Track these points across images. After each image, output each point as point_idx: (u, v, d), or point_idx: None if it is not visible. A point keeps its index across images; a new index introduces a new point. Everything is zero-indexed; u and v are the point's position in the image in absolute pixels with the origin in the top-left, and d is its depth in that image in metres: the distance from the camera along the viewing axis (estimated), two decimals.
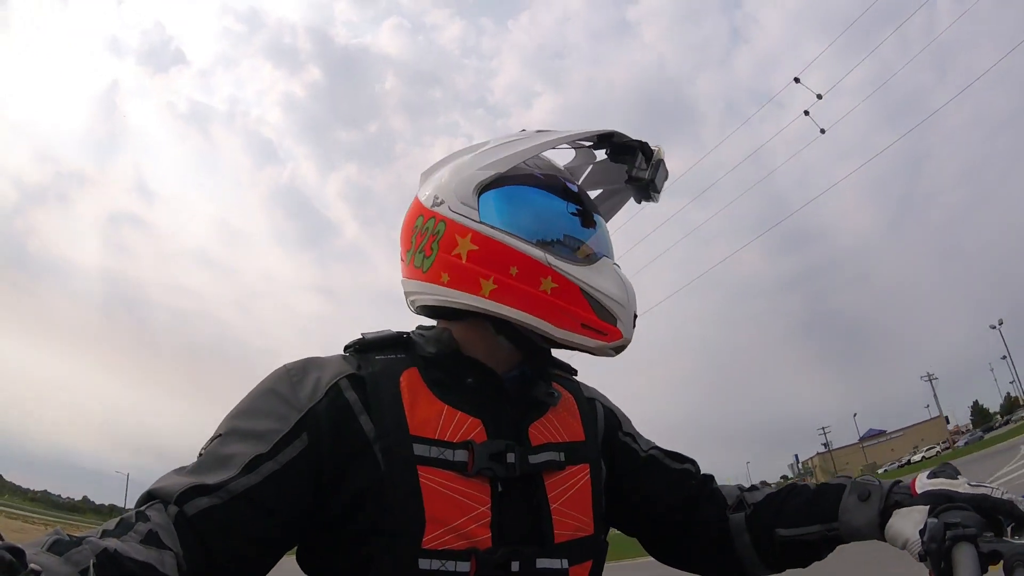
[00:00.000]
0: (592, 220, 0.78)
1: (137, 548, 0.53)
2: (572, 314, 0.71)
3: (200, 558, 0.59)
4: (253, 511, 0.63)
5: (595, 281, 0.72)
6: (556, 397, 0.81)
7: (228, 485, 0.63)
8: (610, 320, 0.72)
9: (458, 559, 0.64)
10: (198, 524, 0.60)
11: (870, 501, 0.73)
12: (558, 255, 0.72)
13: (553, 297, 0.71)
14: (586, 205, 0.79)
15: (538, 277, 0.71)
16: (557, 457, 0.74)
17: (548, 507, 0.71)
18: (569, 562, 0.71)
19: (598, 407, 0.89)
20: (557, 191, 0.78)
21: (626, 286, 0.73)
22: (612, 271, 0.74)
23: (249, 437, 0.66)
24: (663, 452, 0.91)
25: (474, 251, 0.73)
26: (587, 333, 0.71)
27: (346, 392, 0.70)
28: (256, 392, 0.71)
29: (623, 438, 0.89)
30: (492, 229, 0.73)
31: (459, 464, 0.68)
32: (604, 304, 0.72)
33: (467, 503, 0.67)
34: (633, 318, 0.74)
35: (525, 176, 0.77)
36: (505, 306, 0.72)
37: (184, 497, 0.61)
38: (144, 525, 0.57)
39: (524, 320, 0.71)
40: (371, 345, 0.77)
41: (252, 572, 0.65)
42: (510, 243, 0.72)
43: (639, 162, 0.83)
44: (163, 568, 0.54)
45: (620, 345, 0.73)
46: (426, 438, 0.68)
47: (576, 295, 0.71)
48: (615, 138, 0.84)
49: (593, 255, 0.76)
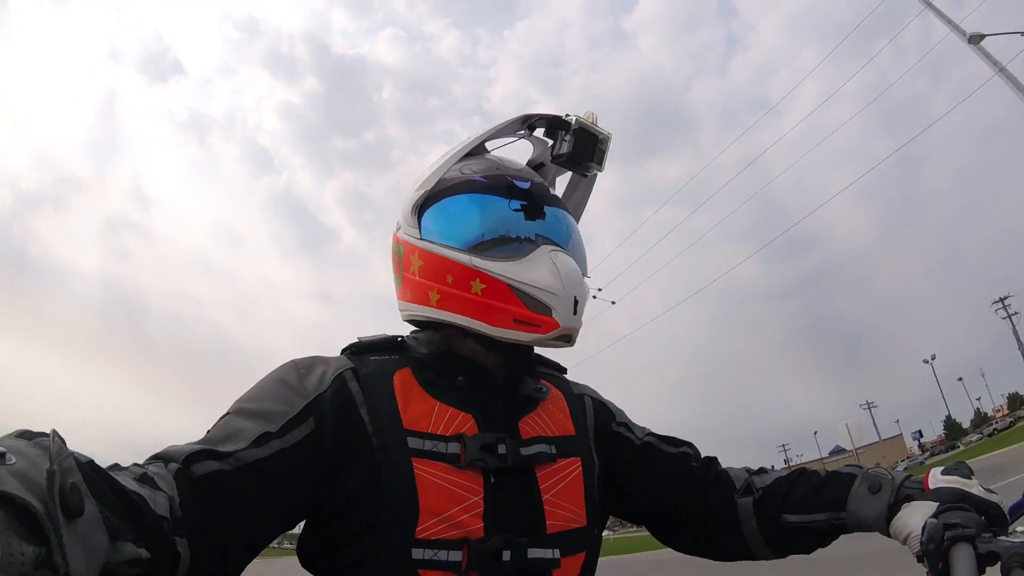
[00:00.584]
0: (540, 212, 0.78)
1: (129, 480, 0.52)
2: (503, 311, 0.73)
3: (197, 515, 0.57)
4: (260, 482, 0.63)
5: (524, 275, 0.73)
6: (545, 392, 0.83)
7: (238, 454, 0.63)
8: (544, 311, 0.72)
9: (451, 548, 0.66)
10: (203, 485, 0.59)
11: (880, 494, 0.73)
12: (487, 256, 0.74)
13: (484, 298, 0.73)
14: (534, 199, 0.79)
15: (468, 281, 0.74)
16: (548, 450, 0.75)
17: (540, 498, 0.73)
18: (561, 553, 0.71)
19: (587, 401, 0.89)
20: (500, 190, 0.78)
21: (561, 273, 0.73)
22: (546, 260, 0.73)
23: (258, 416, 0.67)
24: (658, 437, 0.91)
25: (422, 266, 0.78)
26: (520, 328, 0.73)
27: (350, 383, 0.73)
28: (265, 380, 0.74)
29: (616, 428, 0.89)
30: (430, 243, 0.78)
31: (452, 456, 0.70)
32: (535, 296, 0.72)
33: (460, 493, 0.68)
34: (574, 303, 0.73)
35: (459, 185, 0.79)
36: (449, 312, 0.76)
37: (193, 458, 0.61)
38: (139, 469, 0.56)
39: (464, 324, 0.75)
40: (367, 347, 0.80)
41: (243, 546, 0.64)
42: (443, 253, 0.76)
43: (559, 137, 0.84)
44: (155, 505, 0.52)
45: (560, 335, 0.73)
46: (420, 432, 0.70)
47: (505, 292, 0.73)
48: (532, 121, 0.85)
49: (527, 248, 0.75)
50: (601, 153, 0.85)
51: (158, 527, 0.51)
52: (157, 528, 0.51)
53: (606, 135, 0.84)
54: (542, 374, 0.88)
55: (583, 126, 0.82)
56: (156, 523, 0.51)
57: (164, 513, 0.53)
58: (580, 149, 0.83)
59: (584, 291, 0.76)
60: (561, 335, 0.73)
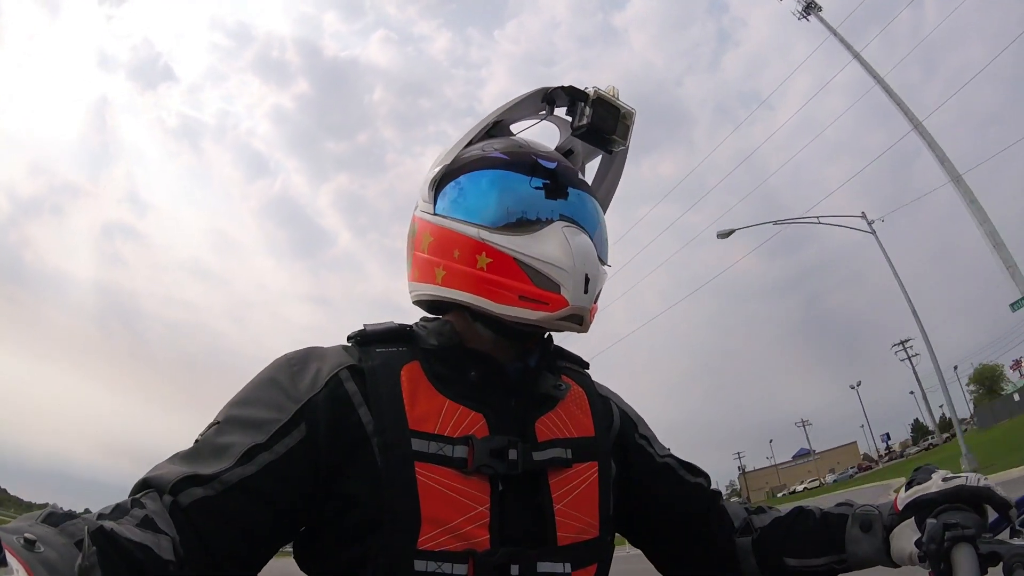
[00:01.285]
0: (563, 192, 0.75)
1: (134, 530, 0.54)
2: (508, 287, 0.70)
3: (196, 546, 0.59)
4: (248, 501, 0.62)
5: (533, 249, 0.69)
6: (564, 390, 0.79)
7: (222, 476, 0.62)
8: (552, 288, 0.69)
9: (455, 561, 0.63)
10: (192, 514, 0.60)
11: (873, 531, 0.73)
12: (495, 229, 0.71)
13: (489, 272, 0.70)
14: (558, 178, 0.75)
15: (474, 255, 0.71)
16: (564, 454, 0.72)
17: (551, 507, 0.70)
18: (572, 566, 0.69)
19: (613, 407, 0.86)
20: (522, 168, 0.75)
21: (573, 248, 0.69)
22: (559, 234, 0.70)
23: (247, 426, 0.66)
24: (679, 462, 0.88)
25: (431, 242, 0.76)
26: (526, 305, 0.69)
27: (346, 383, 0.70)
28: (256, 381, 0.71)
29: (639, 440, 0.86)
30: (440, 218, 0.75)
31: (458, 460, 0.67)
32: (543, 272, 0.69)
33: (464, 502, 0.66)
34: (585, 281, 0.69)
35: (479, 161, 0.76)
36: (454, 290, 0.73)
37: (178, 487, 0.61)
38: (140, 511, 0.57)
39: (469, 301, 0.72)
40: (373, 337, 0.76)
41: (248, 563, 0.65)
42: (452, 227, 0.73)
43: (579, 111, 0.81)
44: (159, 551, 0.54)
45: (568, 314, 0.69)
46: (425, 432, 0.67)
47: (511, 267, 0.70)
48: (550, 93, 0.83)
49: (542, 222, 0.72)
50: (625, 128, 0.82)
51: (164, 572, 0.54)
52: (163, 573, 0.54)
53: (628, 110, 0.81)
54: (563, 369, 0.84)
55: (602, 96, 0.79)
56: (162, 569, 0.54)
57: (169, 557, 0.55)
58: (600, 120, 0.79)
59: (598, 271, 0.72)
60: (570, 315, 0.69)
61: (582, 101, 0.80)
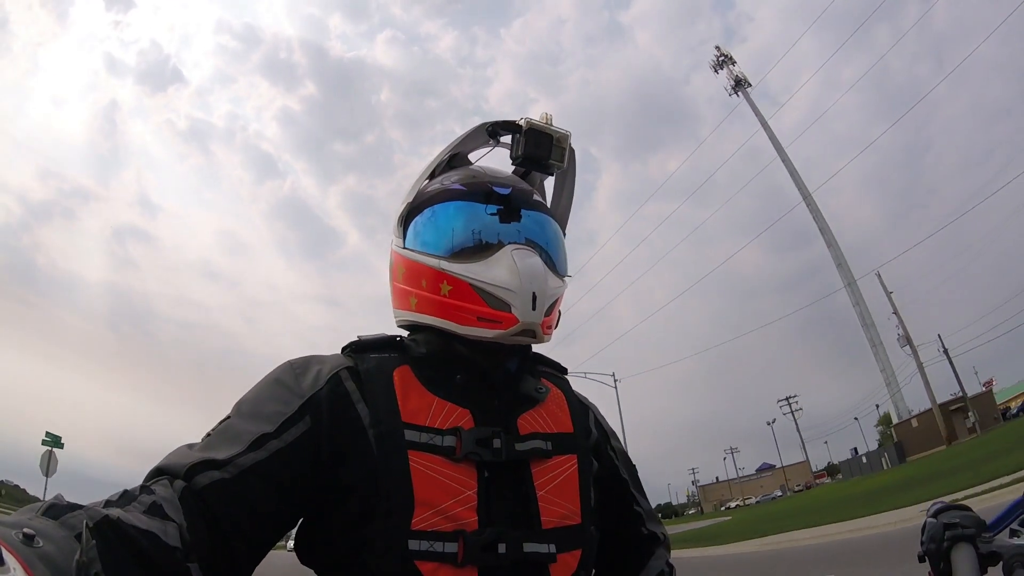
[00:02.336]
0: (516, 215, 0.81)
1: (140, 517, 0.55)
2: (468, 310, 0.76)
3: (203, 532, 0.60)
4: (261, 484, 0.66)
5: (486, 274, 0.76)
6: (544, 393, 0.85)
7: (236, 460, 0.66)
8: (503, 308, 0.75)
9: (446, 540, 0.67)
10: (207, 496, 0.63)
11: None
12: (454, 259, 0.78)
13: (451, 299, 0.77)
14: (512, 203, 0.81)
15: (438, 283, 0.78)
16: (544, 446, 0.77)
17: (535, 494, 0.74)
18: (557, 548, 0.73)
19: (591, 415, 0.92)
20: (478, 196, 0.81)
21: (520, 269, 0.75)
22: (507, 258, 0.76)
23: (256, 418, 0.71)
24: (635, 483, 0.95)
25: (404, 273, 0.84)
26: (484, 325, 0.76)
27: (345, 382, 0.76)
28: (262, 382, 0.77)
29: (610, 452, 0.92)
30: (408, 251, 0.83)
31: (447, 449, 0.72)
32: (495, 294, 0.75)
33: (454, 486, 0.70)
34: (532, 299, 0.75)
35: (439, 195, 0.83)
36: (424, 315, 0.81)
37: (193, 471, 0.64)
38: (148, 497, 0.59)
39: (438, 324, 0.79)
40: (366, 346, 0.82)
41: (252, 549, 0.67)
42: (418, 259, 0.81)
43: (514, 143, 0.87)
44: (166, 538, 0.55)
45: (520, 330, 0.75)
46: (417, 425, 0.72)
47: (468, 292, 0.76)
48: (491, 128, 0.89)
49: (494, 249, 0.77)
50: (561, 151, 0.87)
51: (170, 559, 0.55)
52: (169, 561, 0.55)
53: (562, 133, 0.86)
54: (543, 373, 0.91)
55: (533, 126, 0.85)
56: (168, 556, 0.55)
57: (176, 544, 0.56)
58: (534, 149, 0.85)
59: (546, 288, 0.77)
60: (522, 330, 0.75)
61: (516, 133, 0.86)
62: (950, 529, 0.65)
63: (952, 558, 0.64)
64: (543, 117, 0.87)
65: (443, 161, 0.89)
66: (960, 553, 0.64)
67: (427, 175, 0.88)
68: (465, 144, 0.91)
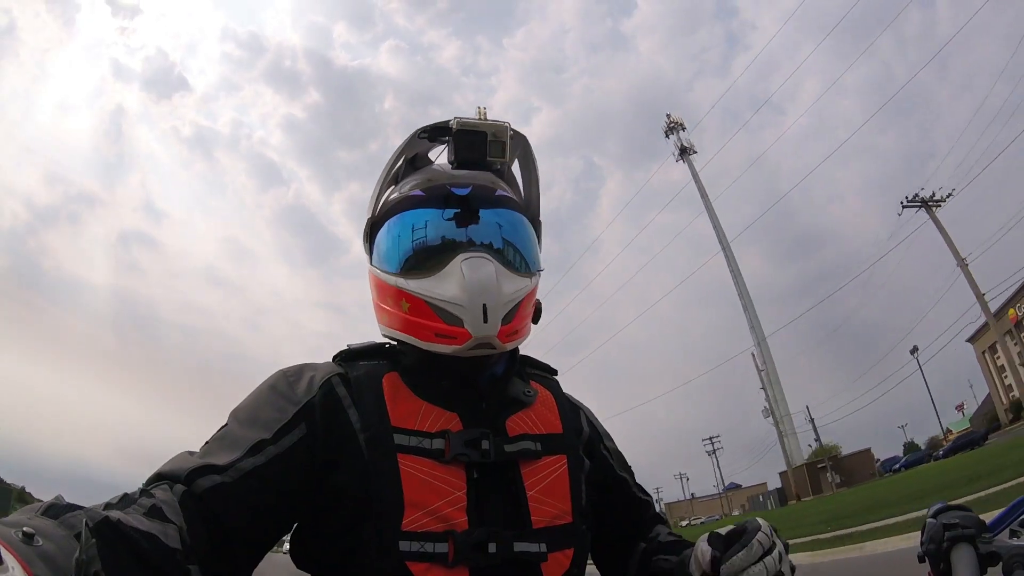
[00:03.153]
0: (474, 216, 0.80)
1: (140, 519, 0.55)
2: (426, 327, 0.77)
3: (203, 535, 0.61)
4: (261, 488, 0.68)
5: (436, 290, 0.76)
6: (532, 395, 0.86)
7: (237, 464, 0.67)
8: (456, 323, 0.75)
9: (436, 540, 0.69)
10: (208, 499, 0.64)
11: None
12: (409, 275, 0.79)
13: (410, 315, 0.78)
14: (470, 203, 0.81)
15: (399, 301, 0.79)
16: (533, 447, 0.78)
17: (524, 494, 0.75)
18: (548, 547, 0.73)
19: (583, 416, 0.94)
20: (435, 202, 0.80)
21: (468, 282, 0.74)
22: (457, 271, 0.75)
23: (253, 425, 0.72)
24: (633, 478, 0.97)
25: (375, 290, 0.86)
26: (441, 341, 0.76)
27: (337, 388, 0.78)
28: (257, 391, 0.78)
29: (603, 451, 0.93)
30: (375, 268, 0.85)
31: (436, 451, 0.73)
32: (447, 310, 0.75)
33: (443, 487, 0.71)
34: (483, 312, 0.74)
35: (397, 204, 0.83)
36: (392, 330, 0.83)
37: (194, 475, 0.65)
38: (148, 500, 0.59)
39: (404, 339, 0.81)
40: (356, 354, 0.85)
41: (251, 551, 0.68)
42: (380, 276, 0.82)
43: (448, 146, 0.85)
44: (166, 540, 0.55)
45: (475, 344, 0.75)
46: (406, 428, 0.74)
47: (424, 308, 0.77)
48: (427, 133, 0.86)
49: (446, 260, 0.77)
50: (500, 145, 0.83)
51: (170, 561, 0.55)
52: (169, 562, 0.54)
53: (498, 126, 0.82)
54: (532, 375, 0.91)
55: (463, 126, 0.82)
56: (168, 557, 0.54)
57: (176, 545, 0.56)
58: (467, 150, 0.82)
59: (499, 296, 0.75)
60: (478, 344, 0.75)
61: (448, 136, 0.84)
62: (950, 529, 0.65)
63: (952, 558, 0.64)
64: (478, 112, 0.84)
65: (393, 172, 0.87)
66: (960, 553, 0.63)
67: (385, 183, 0.87)
68: (410, 151, 0.88)
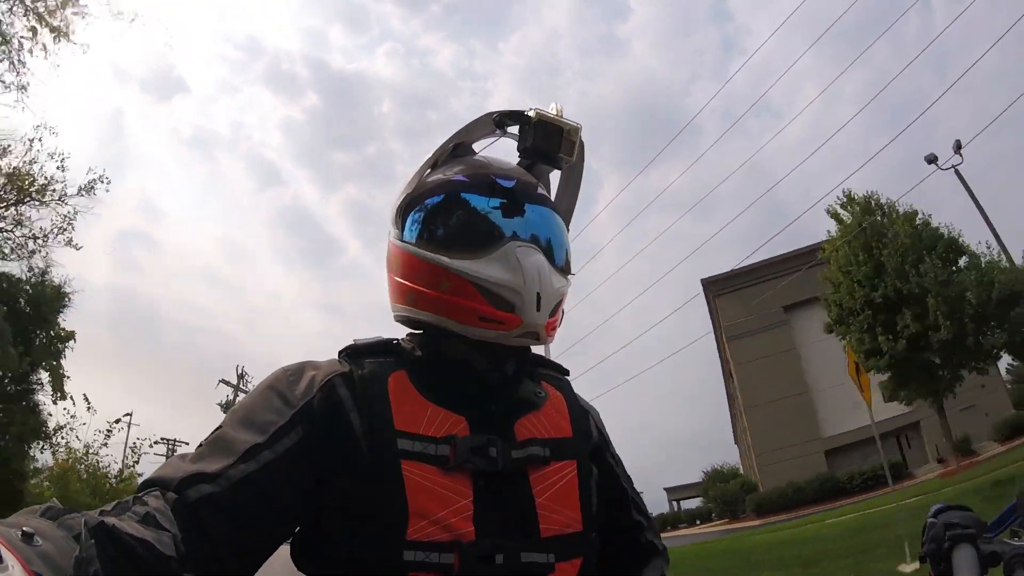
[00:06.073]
0: (519, 209, 0.78)
1: (135, 526, 0.55)
2: (469, 309, 0.73)
3: (197, 543, 0.60)
4: (252, 497, 0.65)
5: (487, 272, 0.73)
6: (543, 397, 0.83)
7: (228, 472, 0.65)
8: (507, 308, 0.73)
9: (442, 551, 0.66)
10: (199, 509, 0.62)
11: None
12: (454, 254, 0.74)
13: (450, 296, 0.74)
14: (515, 196, 0.79)
15: (437, 279, 0.75)
16: (542, 452, 0.75)
17: (533, 502, 0.72)
18: (556, 557, 0.71)
19: (592, 421, 0.90)
20: (480, 188, 0.78)
21: (524, 269, 0.73)
22: (511, 256, 0.73)
23: (248, 427, 0.69)
24: (632, 493, 0.93)
25: (401, 267, 0.80)
26: (485, 325, 0.73)
27: (339, 389, 0.74)
28: (255, 391, 0.75)
29: (609, 459, 0.91)
30: (407, 244, 0.79)
31: (441, 458, 0.70)
32: (498, 293, 0.72)
33: (449, 496, 0.69)
34: (537, 300, 0.73)
35: (439, 186, 0.80)
36: (422, 311, 0.77)
37: (185, 484, 0.63)
38: (142, 508, 0.58)
39: (436, 322, 0.76)
40: (362, 350, 0.80)
41: (247, 560, 0.66)
42: (416, 252, 0.77)
43: (523, 134, 0.84)
44: (161, 546, 0.55)
45: (524, 332, 0.73)
46: (411, 433, 0.70)
47: (470, 290, 0.73)
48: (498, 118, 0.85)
49: (497, 245, 0.75)
50: (570, 144, 0.84)
51: (165, 567, 0.54)
52: (164, 568, 0.54)
53: (572, 126, 0.83)
54: (543, 376, 0.88)
55: (543, 118, 0.82)
56: (164, 564, 0.54)
57: (171, 553, 0.55)
58: (543, 141, 0.82)
59: (551, 288, 0.75)
60: (526, 332, 0.74)
61: (525, 124, 0.83)
62: (951, 529, 0.66)
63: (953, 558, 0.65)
64: (554, 108, 0.83)
65: (446, 151, 0.85)
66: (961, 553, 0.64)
67: (429, 165, 0.83)
68: (470, 133, 0.86)
